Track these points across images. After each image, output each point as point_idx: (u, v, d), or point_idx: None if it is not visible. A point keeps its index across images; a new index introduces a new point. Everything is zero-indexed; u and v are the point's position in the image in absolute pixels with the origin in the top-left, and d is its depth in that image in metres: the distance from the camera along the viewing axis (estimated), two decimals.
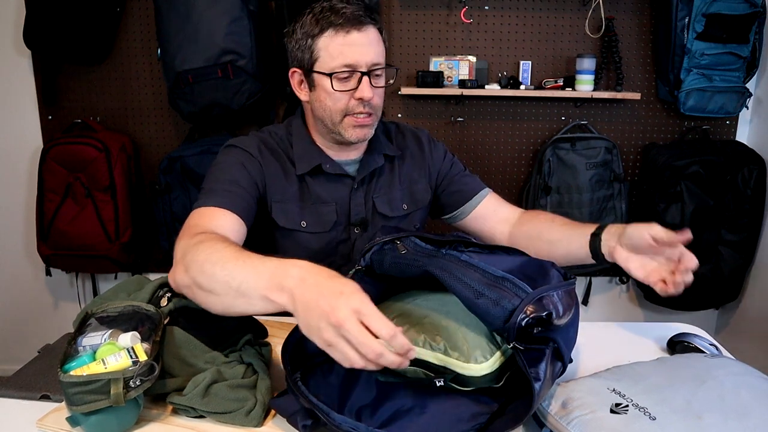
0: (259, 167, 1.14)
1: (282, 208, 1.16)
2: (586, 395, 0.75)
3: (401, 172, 1.26)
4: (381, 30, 1.12)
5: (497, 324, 0.72)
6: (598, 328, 1.15)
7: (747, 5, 1.97)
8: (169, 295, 0.92)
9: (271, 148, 1.18)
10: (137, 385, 0.74)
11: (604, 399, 0.74)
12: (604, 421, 0.70)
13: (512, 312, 0.71)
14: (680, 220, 2.10)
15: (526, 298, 0.72)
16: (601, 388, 0.77)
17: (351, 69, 1.08)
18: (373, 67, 1.09)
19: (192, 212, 1.06)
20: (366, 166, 1.21)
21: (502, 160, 2.28)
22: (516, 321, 0.70)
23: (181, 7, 1.89)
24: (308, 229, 1.18)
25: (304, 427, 0.73)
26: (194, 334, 0.86)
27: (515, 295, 0.73)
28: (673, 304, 2.26)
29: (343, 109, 1.11)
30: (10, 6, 2.13)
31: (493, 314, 0.72)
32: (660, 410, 0.70)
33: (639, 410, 0.71)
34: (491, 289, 0.73)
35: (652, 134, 2.26)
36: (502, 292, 0.73)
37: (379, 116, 1.16)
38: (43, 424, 0.79)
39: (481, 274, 0.76)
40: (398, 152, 1.26)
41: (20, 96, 2.22)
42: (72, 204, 2.10)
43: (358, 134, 1.13)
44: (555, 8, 2.14)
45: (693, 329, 1.11)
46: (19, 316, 2.46)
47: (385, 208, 1.22)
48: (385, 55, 1.13)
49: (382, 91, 1.15)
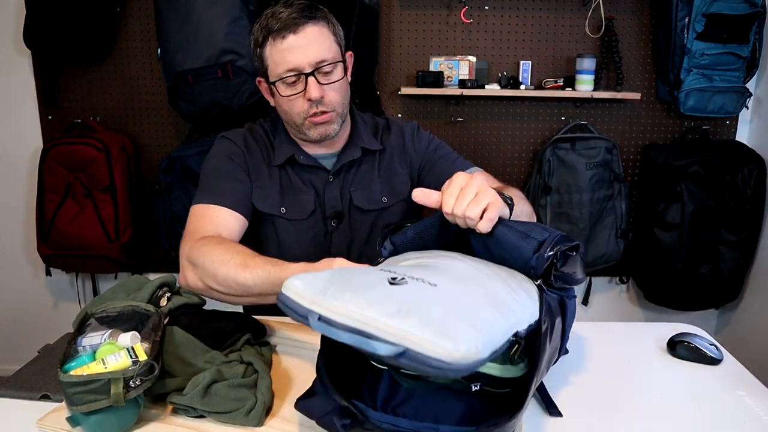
0: (243, 158, 1.20)
1: (261, 194, 1.20)
2: (361, 276, 0.69)
3: (382, 166, 1.26)
4: (327, 21, 1.12)
5: (527, 255, 0.76)
6: (598, 328, 1.15)
7: (747, 5, 1.97)
8: (168, 294, 0.92)
9: (256, 139, 1.24)
10: (137, 384, 0.73)
11: (380, 276, 0.68)
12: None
13: (541, 244, 0.76)
14: (680, 220, 2.11)
15: (553, 233, 0.78)
16: (375, 272, 0.71)
17: (295, 72, 1.09)
18: (319, 65, 1.09)
19: (191, 210, 1.14)
20: (342, 159, 1.22)
21: (502, 160, 2.28)
22: (545, 253, 0.74)
23: (181, 7, 1.89)
24: (287, 215, 1.21)
25: (343, 426, 0.69)
26: (194, 334, 0.86)
27: (545, 230, 0.79)
28: (673, 304, 2.26)
29: (300, 113, 1.13)
30: (10, 6, 2.13)
31: (523, 247, 0.76)
32: (438, 280, 0.67)
33: (416, 281, 0.67)
34: (519, 224, 0.80)
35: (652, 134, 2.26)
36: (531, 226, 0.80)
37: (341, 111, 1.16)
38: (43, 424, 0.79)
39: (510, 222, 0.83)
40: (380, 147, 1.26)
41: (20, 96, 2.22)
42: (72, 204, 2.10)
43: (321, 132, 1.15)
44: (555, 8, 2.14)
45: (693, 329, 1.11)
46: (19, 316, 2.46)
47: (362, 201, 1.23)
48: (336, 47, 1.13)
49: (339, 85, 1.14)
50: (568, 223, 2.14)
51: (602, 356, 1.01)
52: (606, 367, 0.97)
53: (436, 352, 0.55)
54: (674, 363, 1.00)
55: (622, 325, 1.22)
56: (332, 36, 1.13)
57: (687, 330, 1.09)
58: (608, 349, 1.03)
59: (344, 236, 1.24)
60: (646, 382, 0.93)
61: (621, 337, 1.10)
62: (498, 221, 0.81)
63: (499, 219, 0.81)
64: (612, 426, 0.81)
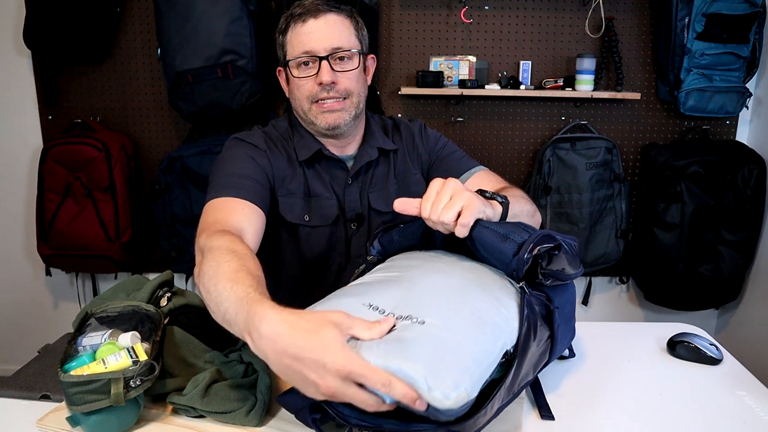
0: (267, 160, 1.14)
1: (287, 203, 1.16)
2: None
3: (397, 167, 1.26)
4: (351, 16, 1.14)
5: (507, 257, 0.75)
6: (598, 328, 1.16)
7: (747, 5, 1.97)
8: (168, 295, 0.92)
9: (275, 140, 1.19)
10: (137, 384, 0.74)
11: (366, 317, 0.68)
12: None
13: (520, 246, 0.74)
14: (680, 220, 2.11)
15: (534, 234, 0.76)
16: (357, 305, 0.72)
17: (310, 55, 1.09)
18: (334, 51, 1.10)
19: (206, 206, 1.03)
20: (359, 160, 1.21)
21: (502, 160, 2.28)
22: (524, 255, 0.73)
23: (180, 7, 1.89)
24: (311, 222, 1.18)
25: (313, 421, 0.72)
26: (194, 334, 0.86)
27: (525, 231, 0.77)
28: (673, 304, 2.26)
29: (309, 96, 1.12)
30: (10, 6, 2.13)
31: (502, 249, 0.75)
32: (426, 312, 0.69)
33: (406, 320, 0.68)
34: (500, 225, 0.78)
35: (652, 134, 2.26)
36: (513, 229, 0.78)
37: (356, 101, 1.15)
38: (43, 424, 0.79)
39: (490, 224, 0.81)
40: (394, 147, 1.25)
41: (20, 96, 2.22)
42: (72, 204, 2.10)
43: (328, 120, 1.12)
44: (555, 8, 2.14)
45: (693, 329, 1.11)
46: (19, 316, 2.46)
47: (379, 203, 1.22)
48: (356, 40, 1.14)
49: (354, 74, 1.13)
50: (568, 223, 2.14)
51: (602, 356, 1.01)
52: (606, 367, 0.97)
53: (431, 400, 0.60)
54: (674, 363, 1.00)
55: (622, 325, 1.22)
56: (354, 30, 1.14)
57: (687, 330, 1.09)
58: (608, 349, 1.03)
59: (364, 239, 1.22)
60: (646, 382, 0.93)
61: (621, 337, 1.10)
62: (478, 223, 0.80)
63: (478, 221, 0.80)
64: (612, 426, 0.81)
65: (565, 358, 0.99)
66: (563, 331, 0.83)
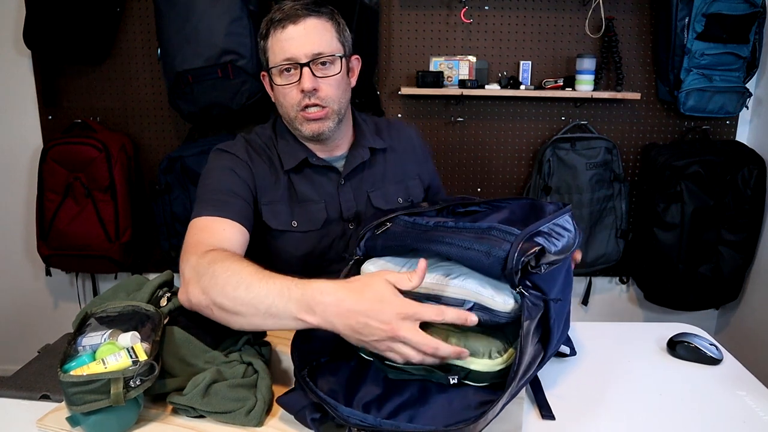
0: (248, 170, 1.15)
1: (272, 210, 1.16)
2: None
3: (393, 166, 1.26)
4: (331, 18, 1.13)
5: (497, 274, 0.75)
6: (598, 328, 1.16)
7: (747, 5, 1.97)
8: (168, 295, 0.92)
9: (258, 149, 1.19)
10: (137, 384, 0.74)
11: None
12: None
13: (506, 259, 0.74)
14: (680, 220, 2.11)
15: (515, 241, 0.75)
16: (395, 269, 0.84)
17: (291, 62, 1.09)
18: (315, 57, 1.09)
19: (191, 224, 1.05)
20: (351, 161, 1.21)
21: (502, 160, 2.28)
22: (512, 266, 0.73)
23: (180, 7, 1.89)
24: (299, 228, 1.17)
25: (312, 421, 0.73)
26: (194, 334, 0.86)
27: (504, 240, 0.75)
28: (673, 304, 2.26)
29: (293, 104, 1.12)
30: (10, 6, 2.13)
31: (488, 265, 0.75)
32: (448, 268, 0.81)
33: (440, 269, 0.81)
34: (480, 242, 0.76)
35: (652, 134, 2.26)
36: (491, 242, 0.76)
37: (337, 108, 1.13)
38: (43, 424, 0.79)
39: (468, 232, 0.79)
40: (385, 145, 1.26)
41: (20, 96, 2.22)
42: (72, 204, 2.10)
43: (313, 128, 1.12)
44: (555, 8, 2.14)
45: (693, 329, 1.11)
46: (19, 316, 2.46)
47: (380, 202, 1.23)
48: (338, 43, 1.13)
49: (336, 81, 1.12)
50: None
51: (602, 356, 1.01)
52: (606, 367, 0.97)
53: (497, 305, 0.75)
54: (674, 363, 1.00)
55: (622, 325, 1.22)
56: (335, 33, 1.13)
57: (687, 330, 1.09)
58: (608, 349, 1.03)
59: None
60: (646, 382, 0.93)
61: (621, 337, 1.10)
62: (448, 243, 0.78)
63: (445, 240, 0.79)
64: (613, 426, 0.81)
65: (565, 356, 1.00)
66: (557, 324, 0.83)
